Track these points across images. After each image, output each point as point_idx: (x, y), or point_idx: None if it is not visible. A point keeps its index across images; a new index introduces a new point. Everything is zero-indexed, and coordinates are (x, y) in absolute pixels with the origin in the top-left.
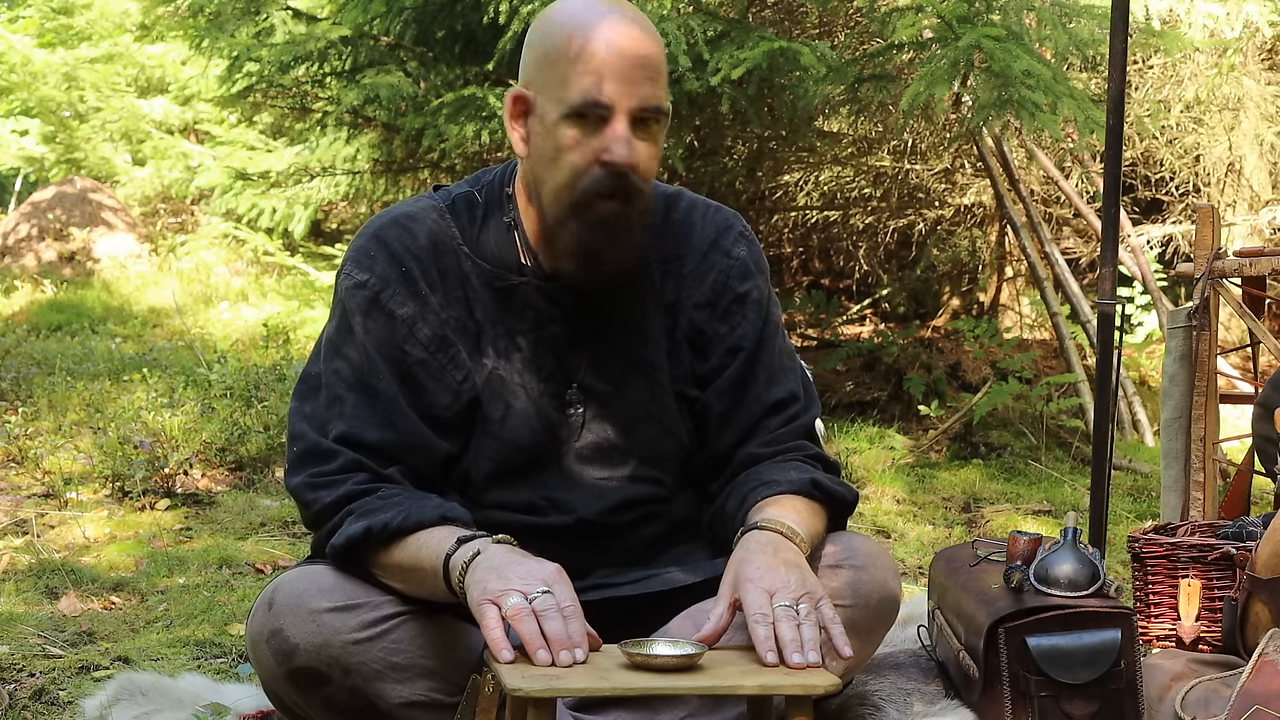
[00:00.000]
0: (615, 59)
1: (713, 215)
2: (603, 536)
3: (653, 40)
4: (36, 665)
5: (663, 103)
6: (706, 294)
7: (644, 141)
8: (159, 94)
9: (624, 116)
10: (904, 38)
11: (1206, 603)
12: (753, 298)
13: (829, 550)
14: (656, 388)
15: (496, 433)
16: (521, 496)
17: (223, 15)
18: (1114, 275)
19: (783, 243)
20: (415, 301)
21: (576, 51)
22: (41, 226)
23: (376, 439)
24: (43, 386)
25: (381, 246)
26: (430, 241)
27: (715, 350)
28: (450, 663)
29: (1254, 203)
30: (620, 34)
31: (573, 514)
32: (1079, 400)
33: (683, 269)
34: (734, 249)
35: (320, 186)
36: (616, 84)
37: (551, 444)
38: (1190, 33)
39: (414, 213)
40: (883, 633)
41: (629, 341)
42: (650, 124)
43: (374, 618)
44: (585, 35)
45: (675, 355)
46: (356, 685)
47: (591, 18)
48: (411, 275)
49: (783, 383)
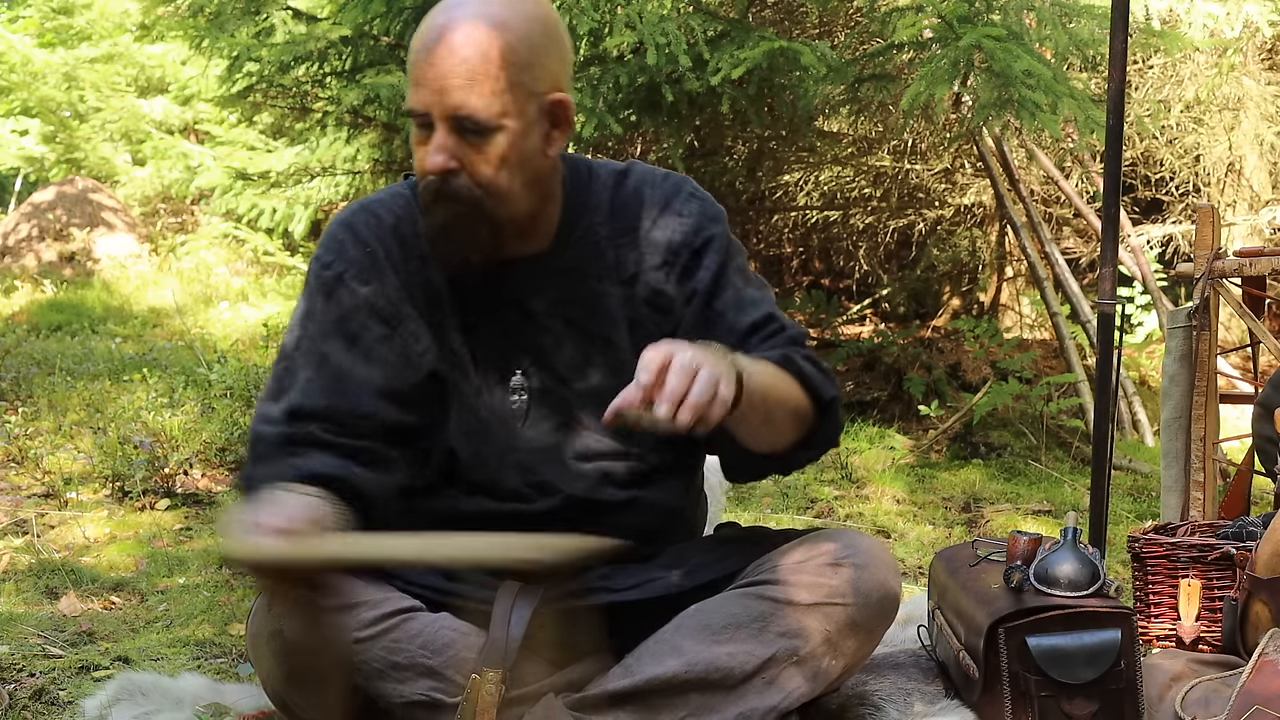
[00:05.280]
0: (430, 66)
1: (661, 182)
2: (588, 522)
3: (485, 44)
4: (36, 665)
5: (478, 112)
6: (662, 254)
7: (473, 146)
8: (159, 94)
9: (442, 125)
10: (904, 38)
11: (1206, 603)
12: (711, 246)
13: (829, 548)
14: (618, 363)
15: (456, 418)
16: (501, 483)
17: (223, 15)
18: (1114, 275)
19: (783, 243)
20: (378, 280)
21: (410, 59)
22: (41, 226)
23: (324, 406)
24: (43, 386)
25: (348, 230)
26: (394, 225)
27: (677, 305)
28: (451, 662)
29: (1254, 203)
30: (444, 39)
31: (557, 494)
32: (1079, 400)
33: (638, 239)
34: (685, 208)
35: (320, 186)
36: (430, 92)
37: (511, 427)
38: (1190, 32)
39: (382, 199)
40: (883, 630)
41: (588, 320)
42: (470, 134)
43: (374, 616)
44: (418, 41)
45: (638, 323)
46: (357, 684)
47: (430, 22)
48: (376, 255)
49: (753, 310)
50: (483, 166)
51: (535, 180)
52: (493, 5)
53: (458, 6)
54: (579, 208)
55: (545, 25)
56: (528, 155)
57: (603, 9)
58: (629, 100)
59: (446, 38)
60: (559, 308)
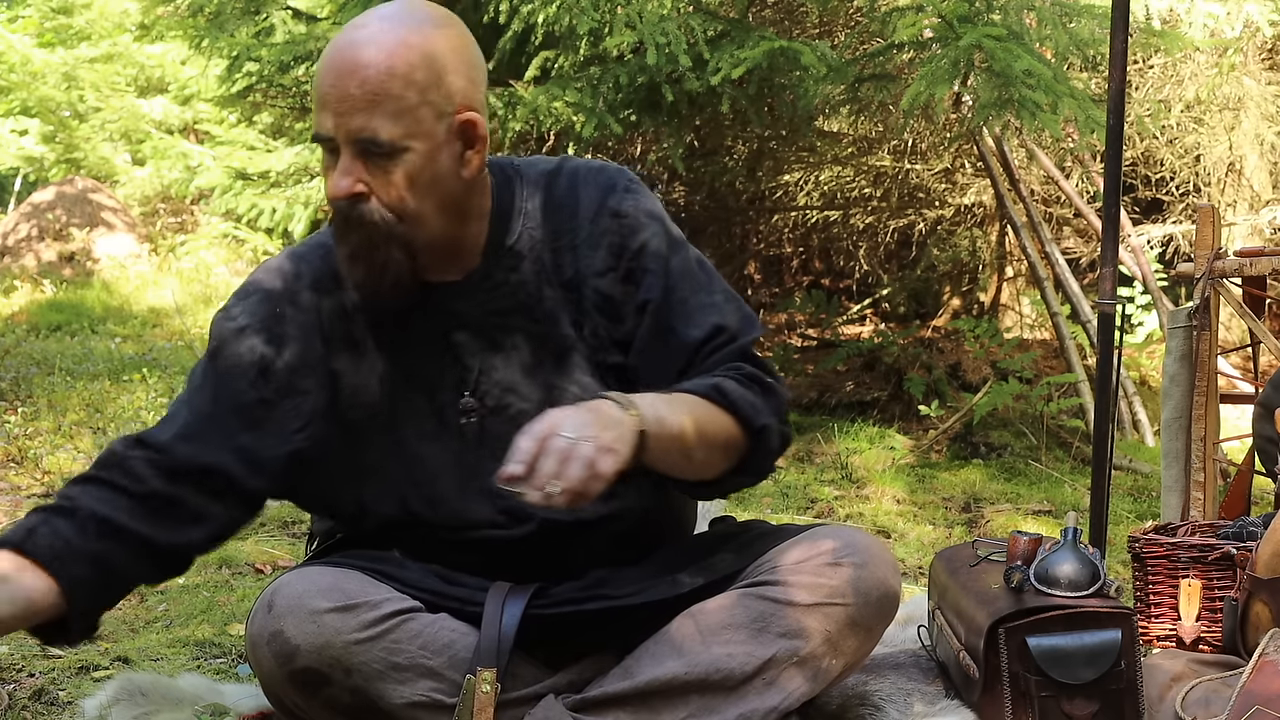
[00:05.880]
0: (333, 89)
1: (595, 178)
2: (570, 542)
3: (386, 64)
4: (36, 665)
5: (381, 133)
6: (604, 259)
7: (380, 169)
8: (159, 94)
9: (346, 148)
10: (904, 37)
11: (1207, 603)
12: (650, 249)
13: (828, 546)
14: (570, 369)
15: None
16: (469, 514)
17: (222, 15)
18: (1114, 275)
19: (783, 243)
20: (274, 345)
21: (315, 83)
22: (41, 226)
23: (164, 440)
24: (42, 386)
25: (260, 286)
26: (313, 281)
27: (628, 312)
28: (452, 662)
29: (1254, 202)
30: (343, 61)
31: (531, 520)
32: (1079, 400)
33: (575, 241)
34: (621, 205)
35: (320, 186)
36: (333, 116)
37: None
38: (1190, 32)
39: (303, 252)
40: (882, 629)
41: (530, 327)
42: (375, 156)
43: (374, 617)
44: (321, 64)
45: (587, 328)
46: (358, 686)
47: (333, 45)
48: (282, 317)
49: (703, 320)
50: (390, 190)
51: (450, 202)
52: (396, 25)
53: (359, 28)
54: (507, 216)
55: (453, 42)
56: (439, 177)
57: (603, 9)
58: (629, 100)
59: (348, 59)
60: (499, 319)
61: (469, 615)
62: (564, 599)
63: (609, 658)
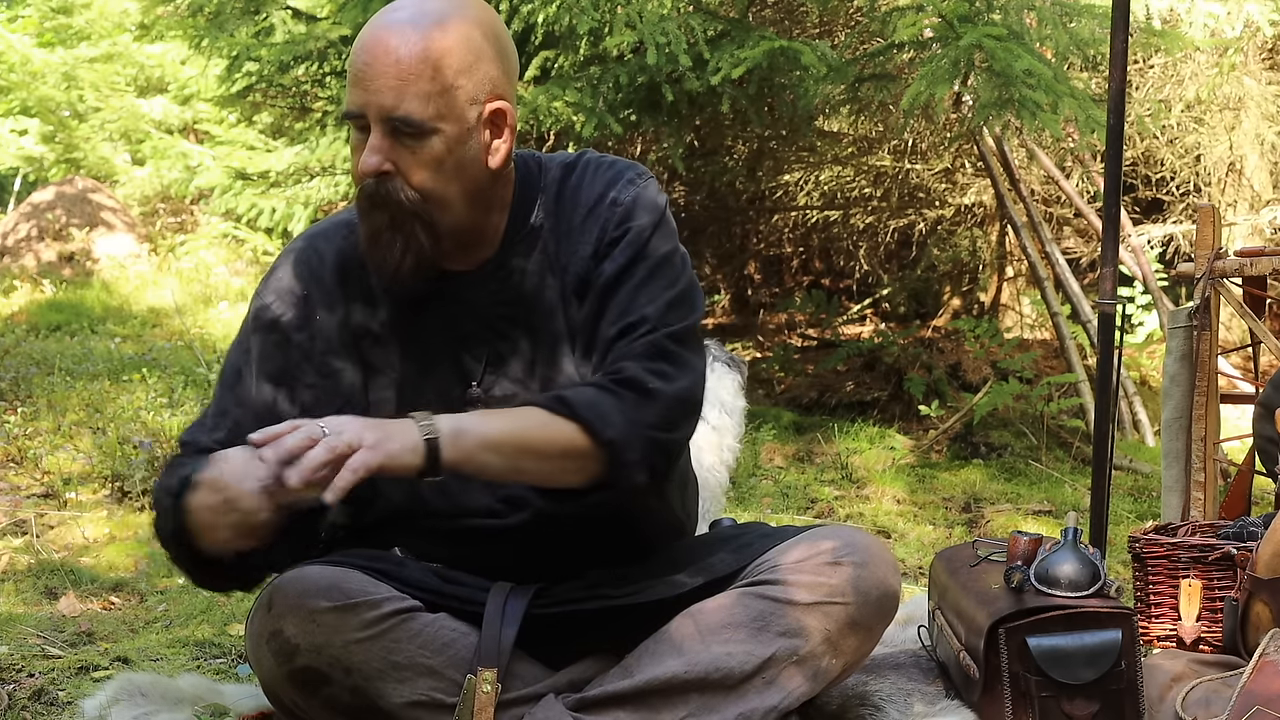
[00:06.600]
0: (367, 68)
1: (605, 170)
2: (564, 532)
3: (422, 46)
4: (36, 665)
5: (413, 113)
6: (591, 244)
7: (408, 149)
8: (158, 94)
9: (376, 125)
10: (904, 37)
11: (1207, 603)
12: (629, 236)
13: (828, 546)
14: (561, 360)
15: None
16: (469, 502)
17: (222, 15)
18: (1115, 275)
19: (783, 243)
20: (308, 328)
21: (349, 61)
22: (41, 226)
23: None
24: (42, 386)
25: (288, 270)
26: (337, 261)
27: (591, 293)
28: (451, 662)
29: (1255, 202)
30: (379, 40)
31: (527, 508)
32: (1079, 400)
33: (572, 228)
34: (621, 194)
35: (320, 186)
36: (365, 93)
37: None
38: (1191, 32)
39: (327, 231)
40: (882, 629)
41: (534, 319)
42: (405, 135)
43: (374, 617)
44: (357, 44)
45: (569, 314)
46: (358, 685)
47: (370, 25)
48: (310, 300)
49: (637, 309)
50: (417, 170)
51: (475, 189)
52: (432, 9)
53: (397, 10)
54: (526, 207)
55: (486, 31)
56: (466, 162)
57: (603, 9)
58: (629, 100)
59: (384, 40)
60: (507, 310)
61: (468, 615)
62: (564, 599)
63: (609, 657)
